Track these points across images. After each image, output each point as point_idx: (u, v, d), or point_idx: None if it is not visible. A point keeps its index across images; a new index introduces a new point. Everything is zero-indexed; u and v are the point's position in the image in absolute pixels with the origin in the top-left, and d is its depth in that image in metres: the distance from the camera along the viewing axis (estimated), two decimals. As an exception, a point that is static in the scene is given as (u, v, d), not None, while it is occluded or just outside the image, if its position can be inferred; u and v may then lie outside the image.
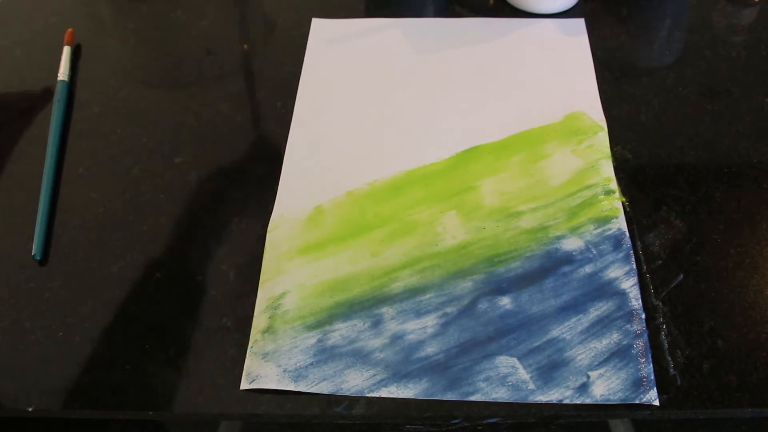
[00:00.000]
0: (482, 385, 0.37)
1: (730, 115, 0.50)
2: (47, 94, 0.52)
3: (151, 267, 0.43)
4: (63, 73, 0.55)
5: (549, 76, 0.53)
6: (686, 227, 0.43)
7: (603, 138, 0.48)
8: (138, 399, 0.38)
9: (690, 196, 0.45)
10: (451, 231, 0.43)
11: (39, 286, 0.43)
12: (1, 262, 0.44)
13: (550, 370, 0.37)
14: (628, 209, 0.44)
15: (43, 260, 0.44)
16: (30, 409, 0.38)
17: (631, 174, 0.46)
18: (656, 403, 0.36)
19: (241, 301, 0.41)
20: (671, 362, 0.37)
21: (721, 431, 0.41)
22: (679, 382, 0.37)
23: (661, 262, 0.42)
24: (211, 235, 0.45)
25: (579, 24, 0.57)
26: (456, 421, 0.37)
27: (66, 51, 0.56)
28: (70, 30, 0.58)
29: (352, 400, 0.37)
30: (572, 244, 0.42)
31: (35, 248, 0.44)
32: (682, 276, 0.41)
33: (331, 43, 0.56)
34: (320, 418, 0.37)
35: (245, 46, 0.57)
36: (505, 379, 0.37)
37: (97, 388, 0.38)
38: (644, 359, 0.37)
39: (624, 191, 0.45)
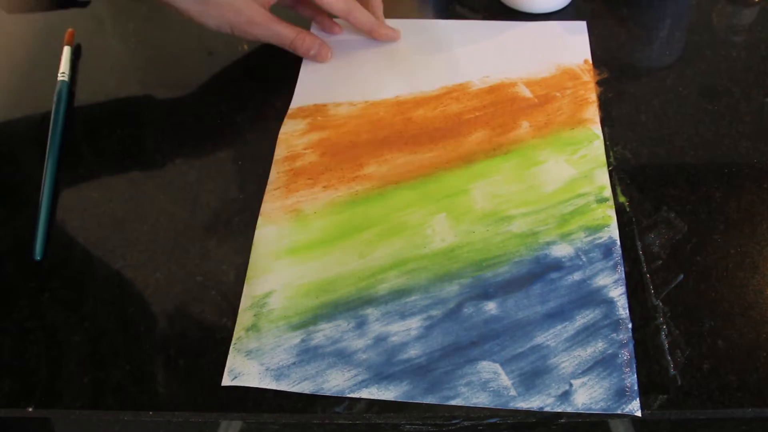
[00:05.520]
0: (463, 389, 0.37)
1: (730, 115, 0.50)
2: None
3: (151, 267, 0.43)
4: (63, 73, 0.55)
5: (549, 78, 0.53)
6: (686, 227, 0.43)
7: (598, 147, 0.47)
8: (138, 399, 0.38)
9: (690, 196, 0.45)
10: (441, 233, 0.43)
11: (39, 286, 0.43)
12: (1, 262, 0.44)
13: (532, 377, 0.37)
14: (628, 209, 0.44)
15: (43, 260, 0.44)
16: (30, 409, 0.38)
17: (631, 174, 0.46)
18: (638, 414, 0.35)
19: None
20: (671, 362, 0.37)
21: (721, 431, 0.41)
22: (679, 382, 0.37)
23: (661, 262, 0.42)
24: (211, 235, 0.45)
25: (580, 26, 0.56)
26: (456, 420, 0.37)
27: (66, 51, 0.56)
28: (70, 30, 0.58)
29: (352, 401, 0.37)
30: (562, 251, 0.42)
31: (35, 248, 0.44)
32: (682, 276, 0.41)
33: (330, 43, 0.56)
34: (320, 418, 0.37)
35: (245, 46, 0.57)
36: (487, 384, 0.37)
37: (97, 388, 0.38)
38: (629, 369, 0.37)
39: (624, 191, 0.45)
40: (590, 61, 0.53)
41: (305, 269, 0.42)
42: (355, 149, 0.48)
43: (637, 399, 0.36)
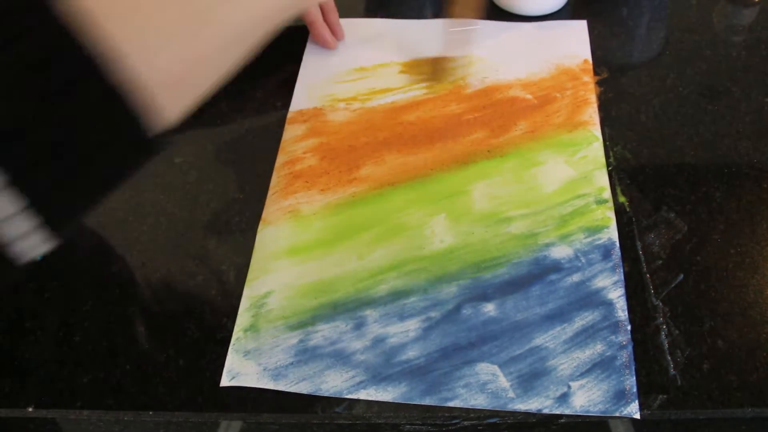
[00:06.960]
0: (461, 391, 0.37)
1: (730, 115, 0.49)
2: None
3: (151, 267, 0.43)
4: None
5: (549, 79, 0.53)
6: (686, 227, 0.43)
7: (597, 148, 0.47)
8: (138, 399, 0.38)
9: (690, 196, 0.45)
10: (440, 235, 0.43)
11: (39, 286, 0.43)
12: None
13: (530, 379, 0.37)
14: (628, 209, 0.44)
15: (43, 260, 0.44)
16: (30, 409, 0.38)
17: (631, 174, 0.46)
18: (637, 416, 0.35)
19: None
20: (671, 362, 0.37)
21: (721, 431, 0.41)
22: (679, 382, 0.37)
23: (661, 262, 0.41)
24: (211, 235, 0.45)
25: (580, 26, 0.56)
26: (456, 420, 0.37)
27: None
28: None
29: (352, 401, 0.37)
30: (561, 252, 0.42)
31: (35, 248, 0.44)
32: (682, 276, 0.41)
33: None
34: (320, 419, 0.37)
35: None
36: (485, 386, 0.37)
37: (97, 388, 0.38)
38: (628, 371, 0.37)
39: (624, 191, 0.45)
40: (590, 61, 0.53)
41: (304, 270, 0.42)
42: (353, 152, 0.48)
43: (636, 401, 0.36)
